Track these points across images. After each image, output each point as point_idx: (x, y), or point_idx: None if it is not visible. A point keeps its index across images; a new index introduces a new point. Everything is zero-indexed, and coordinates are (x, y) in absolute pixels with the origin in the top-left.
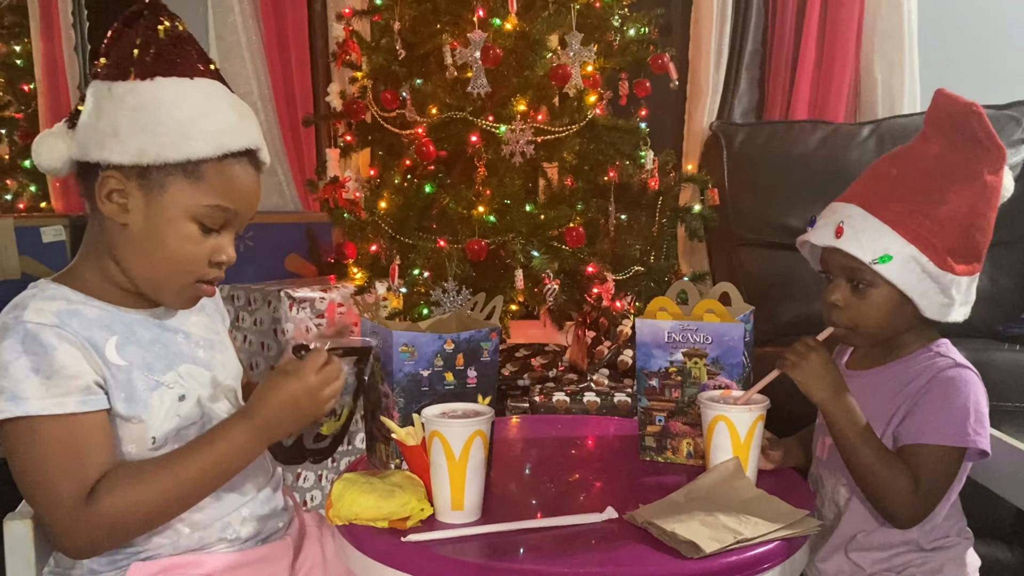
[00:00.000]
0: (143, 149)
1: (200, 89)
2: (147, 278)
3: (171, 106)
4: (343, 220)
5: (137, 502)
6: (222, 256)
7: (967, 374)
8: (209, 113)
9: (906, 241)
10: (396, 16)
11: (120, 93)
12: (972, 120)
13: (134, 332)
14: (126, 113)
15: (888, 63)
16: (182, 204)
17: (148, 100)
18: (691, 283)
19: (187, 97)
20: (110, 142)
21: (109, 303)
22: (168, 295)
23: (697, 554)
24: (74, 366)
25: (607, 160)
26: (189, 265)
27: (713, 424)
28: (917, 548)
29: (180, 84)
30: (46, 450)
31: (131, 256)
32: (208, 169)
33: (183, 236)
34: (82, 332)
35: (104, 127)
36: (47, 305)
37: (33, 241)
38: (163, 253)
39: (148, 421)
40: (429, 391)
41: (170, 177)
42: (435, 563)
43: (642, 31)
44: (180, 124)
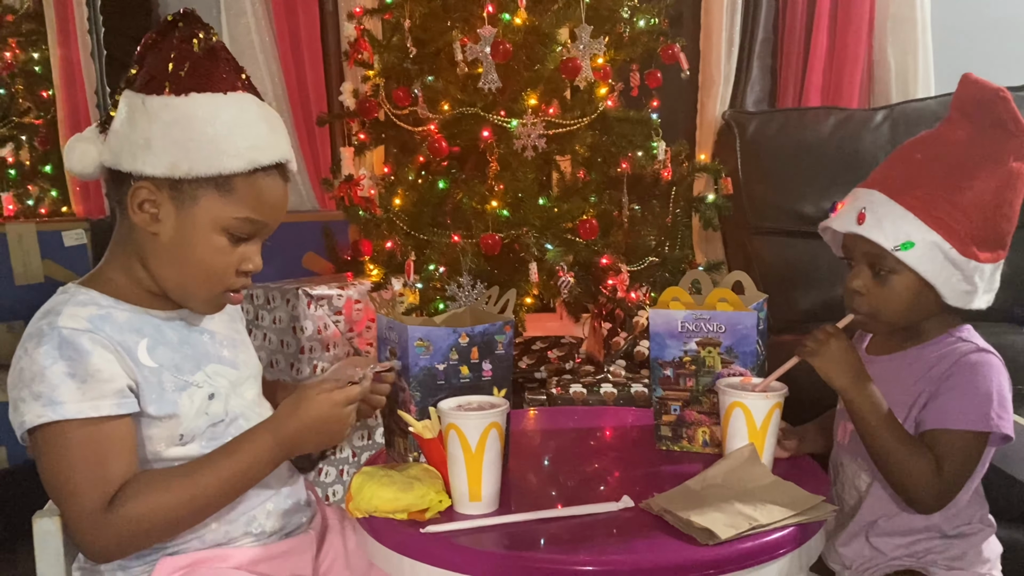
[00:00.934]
0: (176, 163)
1: (233, 104)
2: (176, 286)
3: (205, 122)
4: (358, 218)
5: (158, 510)
6: (249, 265)
7: (990, 359)
8: (241, 129)
9: (929, 228)
10: (406, 14)
11: (155, 107)
12: (999, 105)
13: (163, 334)
14: (160, 127)
15: (901, 47)
16: (212, 216)
17: (182, 116)
18: (704, 272)
19: (220, 113)
20: (143, 154)
21: (137, 306)
22: (196, 303)
23: (712, 540)
24: (108, 370)
25: (619, 152)
26: (218, 275)
27: (730, 410)
28: (939, 534)
29: (214, 100)
30: (75, 454)
31: (161, 264)
32: (239, 183)
33: (212, 247)
34: (115, 336)
35: (137, 139)
36: (80, 311)
37: (55, 245)
38: (192, 263)
39: (179, 418)
40: (445, 384)
41: (201, 190)
42: (454, 553)
43: (652, 22)
44: (213, 140)
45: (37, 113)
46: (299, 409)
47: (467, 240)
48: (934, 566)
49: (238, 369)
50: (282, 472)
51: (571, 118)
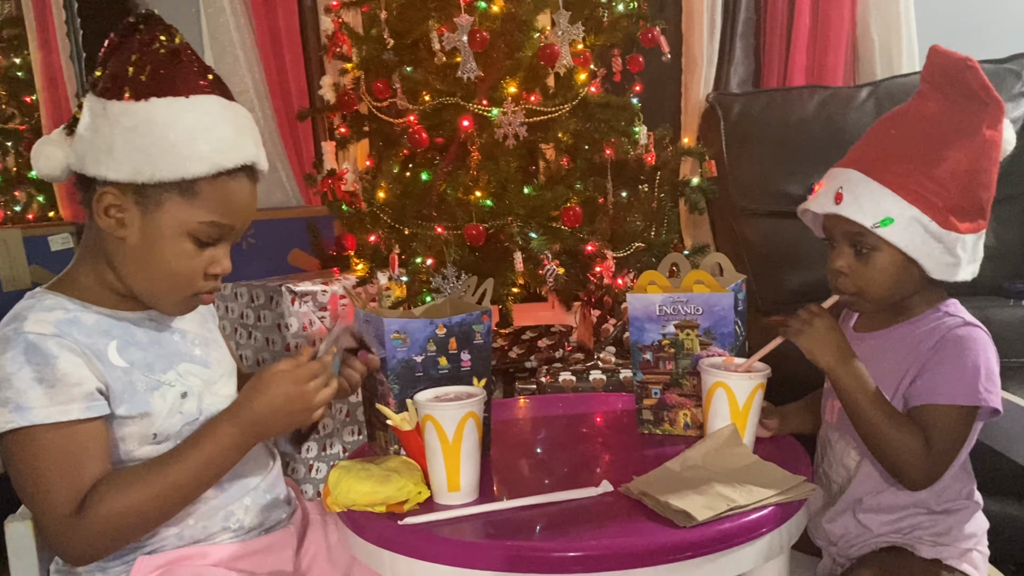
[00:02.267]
0: (138, 168)
1: (195, 107)
2: (144, 290)
3: (166, 127)
4: (342, 212)
5: (127, 508)
6: (217, 268)
7: (977, 333)
8: (204, 133)
9: (907, 203)
10: (383, 5)
11: (115, 113)
12: (967, 75)
13: (133, 335)
14: (121, 133)
15: (884, 23)
16: (178, 221)
17: (142, 121)
18: (683, 256)
19: (182, 117)
20: (106, 159)
21: (106, 308)
22: (165, 305)
23: (690, 523)
24: (76, 373)
25: (602, 138)
26: (185, 279)
27: (712, 391)
28: (926, 510)
29: (175, 104)
30: (45, 459)
31: (128, 268)
32: (203, 187)
33: (179, 252)
34: (82, 339)
35: (100, 144)
36: (46, 316)
37: (42, 250)
38: (159, 267)
39: (151, 417)
40: (424, 376)
41: (166, 195)
42: (433, 544)
43: (631, 6)
44: (175, 145)
45: (21, 119)
46: (258, 391)
47: (451, 231)
48: (920, 542)
49: (210, 368)
50: (259, 466)
51: (552, 105)
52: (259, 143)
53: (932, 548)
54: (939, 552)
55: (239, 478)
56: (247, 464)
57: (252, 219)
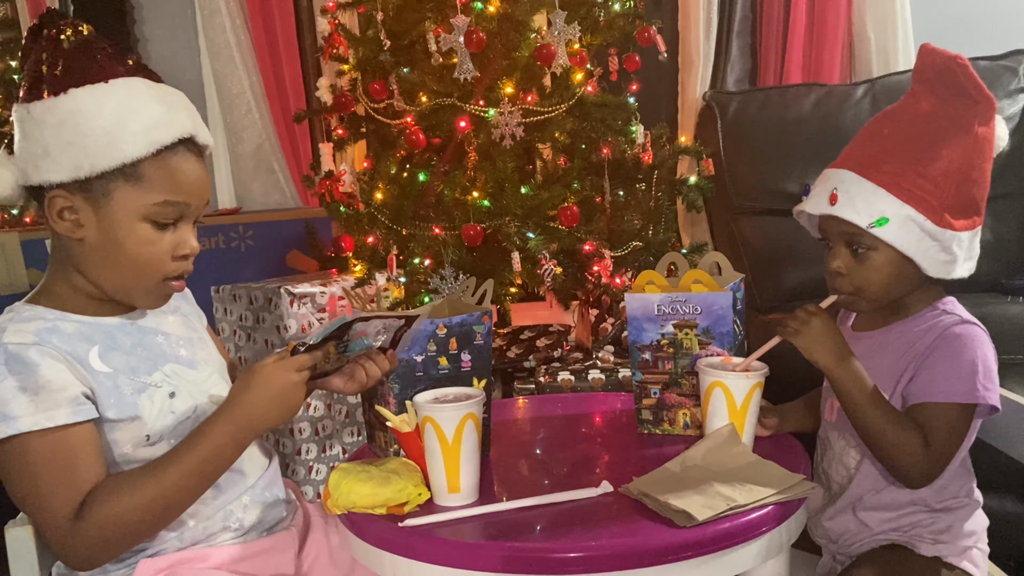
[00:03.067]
0: (77, 163)
1: (117, 91)
2: (115, 286)
3: (91, 115)
4: (340, 214)
5: (126, 513)
6: (185, 249)
7: (974, 330)
8: (132, 112)
9: (901, 202)
10: (379, 6)
11: (39, 113)
12: (958, 72)
13: (114, 339)
14: (50, 132)
15: (880, 21)
16: (131, 207)
17: (66, 114)
18: (681, 255)
19: (105, 102)
20: (44, 163)
21: (84, 315)
22: (138, 298)
23: (690, 523)
24: (59, 379)
25: (599, 137)
26: (152, 265)
27: (710, 390)
28: (926, 508)
29: (95, 91)
30: (38, 466)
31: (95, 268)
32: (146, 168)
33: (139, 239)
34: (63, 346)
35: (34, 149)
36: (25, 326)
37: (39, 253)
38: (124, 259)
39: (142, 420)
40: (424, 376)
41: (112, 184)
42: (433, 545)
43: (627, 5)
44: (104, 131)
45: None
46: (251, 386)
47: (449, 232)
48: (920, 540)
49: (196, 368)
50: (256, 464)
51: (549, 105)
52: (195, 117)
53: (932, 546)
54: (939, 550)
55: (236, 476)
56: (244, 462)
57: (208, 195)
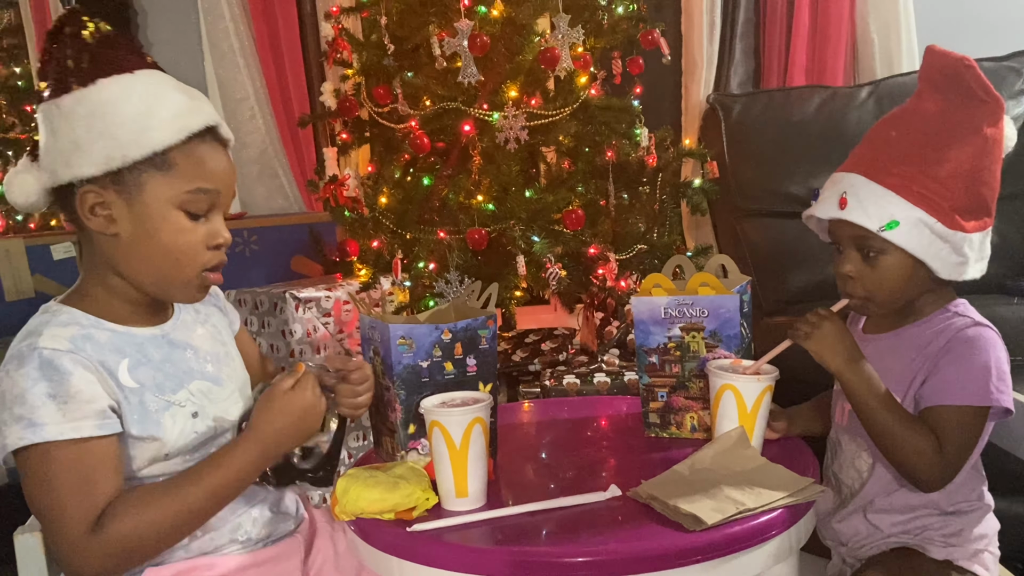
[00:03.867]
0: (108, 155)
1: (143, 80)
2: (153, 280)
3: (121, 103)
4: (344, 218)
5: (144, 529)
6: (219, 238)
7: (987, 332)
8: (160, 100)
9: (911, 204)
10: (383, 11)
11: (68, 106)
12: (966, 74)
13: (145, 353)
14: (81, 124)
15: (883, 22)
16: (164, 197)
17: (96, 105)
18: (687, 257)
19: (133, 91)
20: (75, 157)
21: (118, 323)
22: (178, 291)
23: (699, 526)
24: (89, 390)
25: (603, 140)
26: (188, 255)
27: (720, 393)
28: (937, 511)
29: (122, 80)
30: (59, 476)
31: (132, 263)
32: (176, 155)
33: (175, 228)
34: (96, 356)
35: (65, 145)
36: (61, 331)
37: (44, 259)
38: (161, 251)
39: (162, 439)
40: (429, 382)
41: (144, 175)
42: (442, 550)
43: (631, 8)
44: (135, 119)
45: (22, 128)
46: (273, 411)
47: (454, 236)
48: (931, 543)
49: (221, 385)
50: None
51: (553, 108)
52: (214, 109)
53: (943, 549)
54: (950, 553)
55: (248, 492)
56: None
57: (234, 186)
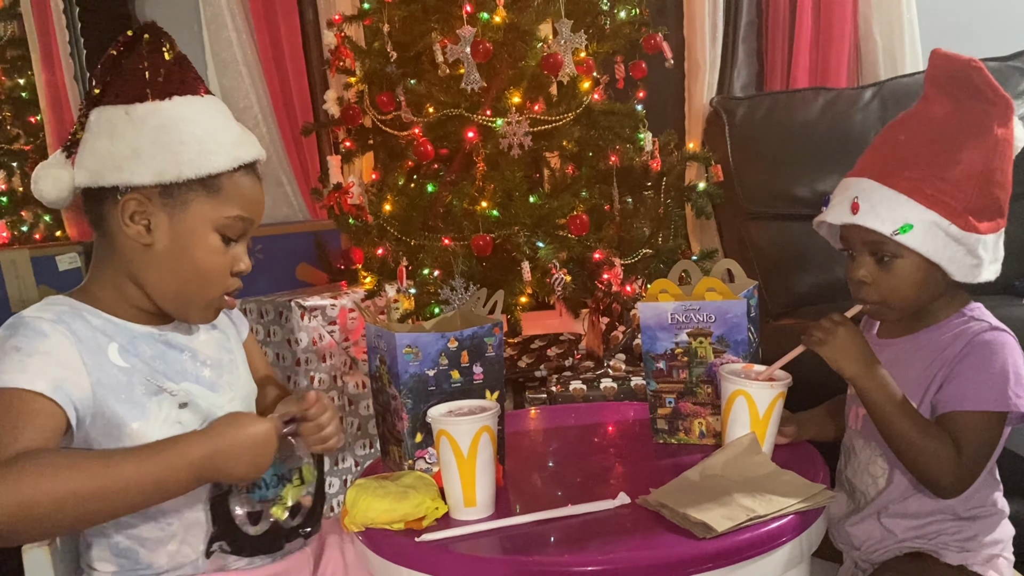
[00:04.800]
0: (163, 168)
1: (211, 106)
2: (175, 295)
3: (191, 123)
4: (349, 226)
5: (52, 486)
6: (241, 265)
7: (1004, 337)
8: (222, 127)
9: (924, 207)
10: (385, 18)
11: (140, 115)
12: (974, 76)
13: (136, 345)
14: (148, 134)
15: (887, 23)
16: (206, 218)
17: (168, 119)
18: (693, 262)
19: (202, 114)
20: (130, 164)
21: (117, 317)
22: (195, 310)
23: (710, 534)
24: (61, 354)
25: (607, 145)
26: (216, 277)
27: (732, 398)
28: (952, 516)
29: (194, 102)
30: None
31: (157, 275)
32: (224, 182)
33: (210, 249)
34: (83, 332)
35: (122, 151)
36: (51, 307)
37: (50, 270)
38: (191, 268)
39: (147, 425)
40: (436, 390)
41: (192, 193)
42: (451, 560)
43: (633, 12)
44: (200, 140)
45: (27, 139)
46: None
47: (458, 242)
48: (945, 548)
49: (217, 392)
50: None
51: (556, 114)
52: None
53: (958, 554)
54: (965, 558)
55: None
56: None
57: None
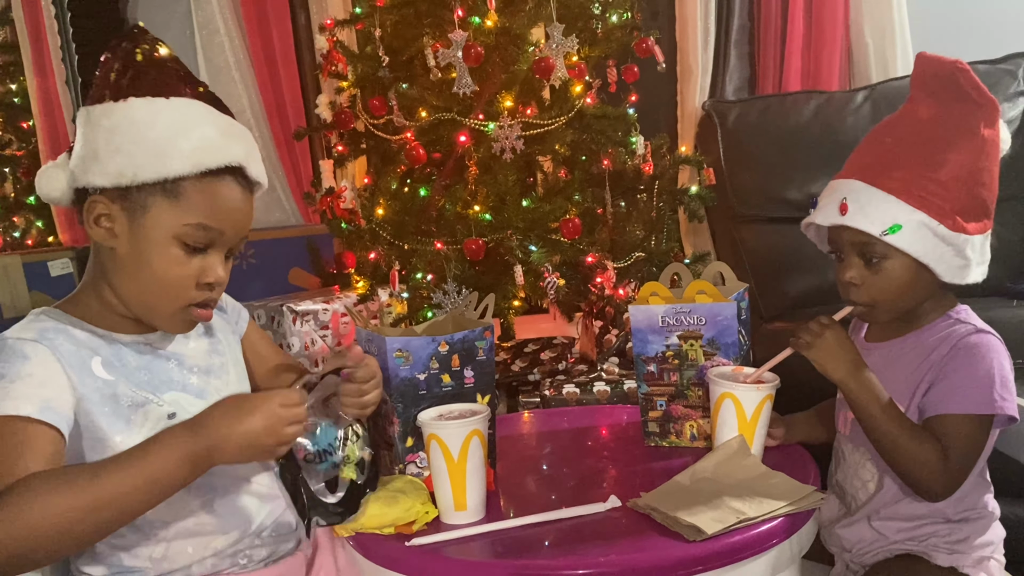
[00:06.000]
0: (121, 170)
1: (176, 108)
2: (138, 302)
3: (145, 125)
4: (341, 230)
5: (49, 508)
6: (210, 277)
7: (989, 339)
8: (185, 131)
9: (913, 208)
10: (377, 23)
11: (96, 116)
12: (959, 77)
13: (121, 356)
14: (103, 135)
15: (878, 26)
16: (164, 225)
17: (120, 120)
18: (684, 266)
19: (161, 116)
20: (92, 165)
21: (101, 328)
22: (160, 319)
23: (700, 536)
24: (44, 375)
25: (600, 149)
26: (176, 288)
27: (720, 401)
28: (943, 519)
29: (154, 104)
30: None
31: (122, 280)
32: (188, 188)
33: (168, 258)
34: (67, 347)
35: (87, 151)
36: (33, 325)
37: (42, 275)
38: (150, 276)
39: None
40: (427, 394)
41: (151, 198)
42: (441, 564)
43: (625, 16)
44: (154, 143)
45: (19, 144)
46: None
47: (451, 246)
48: (936, 550)
49: (204, 399)
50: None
51: (549, 118)
52: (252, 152)
53: (948, 556)
54: (955, 560)
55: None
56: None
57: (246, 230)
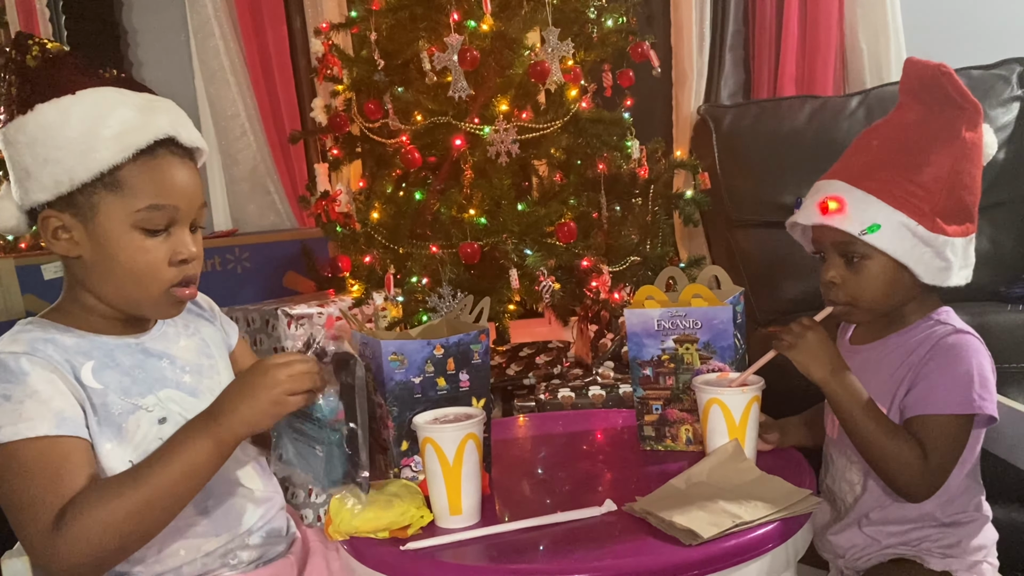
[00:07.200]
0: (57, 179)
1: (84, 100)
2: (121, 299)
3: (59, 127)
4: (336, 234)
5: (105, 523)
6: (182, 253)
7: (968, 339)
8: (101, 120)
9: (893, 208)
10: (372, 26)
11: (12, 135)
12: (943, 81)
13: (113, 358)
14: (25, 151)
15: (872, 31)
16: (117, 218)
17: (35, 130)
18: (679, 269)
19: (72, 113)
20: (28, 183)
21: (91, 332)
22: (146, 308)
23: (695, 541)
24: (47, 390)
25: (595, 153)
26: (149, 274)
27: (708, 408)
28: (934, 523)
29: (60, 103)
30: (24, 475)
31: (98, 283)
32: (126, 174)
33: (133, 248)
34: (57, 356)
35: (18, 172)
36: (22, 336)
37: (35, 279)
38: (121, 271)
39: (124, 445)
40: (422, 398)
41: (95, 196)
42: (436, 569)
43: (620, 21)
44: (76, 141)
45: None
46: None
47: (446, 250)
48: (929, 554)
49: (197, 397)
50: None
51: (544, 122)
52: (178, 119)
53: (941, 560)
54: (948, 564)
55: (240, 515)
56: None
57: (200, 198)
